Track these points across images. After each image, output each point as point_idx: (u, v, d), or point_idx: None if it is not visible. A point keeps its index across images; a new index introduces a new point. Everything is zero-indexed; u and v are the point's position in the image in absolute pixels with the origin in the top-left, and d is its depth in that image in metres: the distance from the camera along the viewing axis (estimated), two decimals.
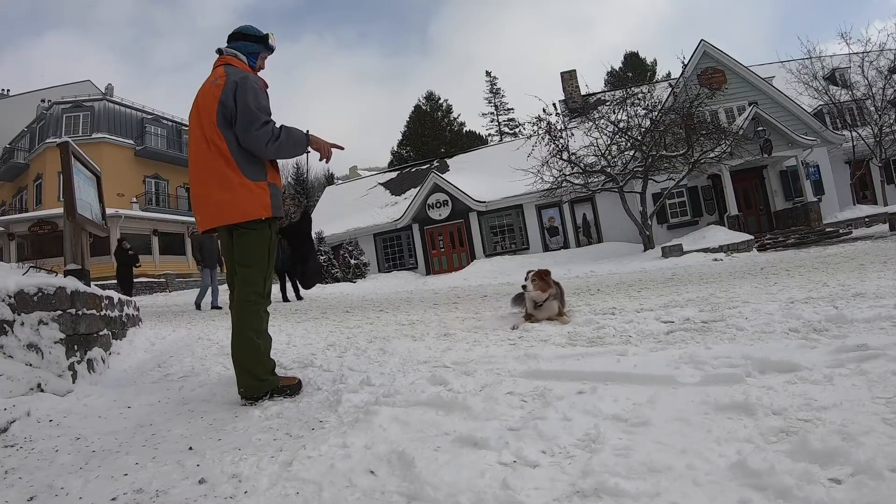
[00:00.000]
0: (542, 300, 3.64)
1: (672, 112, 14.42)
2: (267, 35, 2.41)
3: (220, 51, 2.39)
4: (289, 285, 10.35)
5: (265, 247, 2.25)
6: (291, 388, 2.28)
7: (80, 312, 2.75)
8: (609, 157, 14.62)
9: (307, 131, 2.32)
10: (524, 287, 3.66)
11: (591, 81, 41.01)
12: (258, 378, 2.19)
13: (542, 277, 3.67)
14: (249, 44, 2.38)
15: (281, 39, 2.49)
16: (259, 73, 2.42)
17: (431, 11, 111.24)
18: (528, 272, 3.75)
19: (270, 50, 2.45)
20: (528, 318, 3.70)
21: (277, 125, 2.20)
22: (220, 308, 8.75)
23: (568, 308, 3.96)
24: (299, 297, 10.23)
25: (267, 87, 2.36)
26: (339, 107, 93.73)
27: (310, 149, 2.35)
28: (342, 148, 2.46)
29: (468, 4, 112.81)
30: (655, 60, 40.04)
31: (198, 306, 9.05)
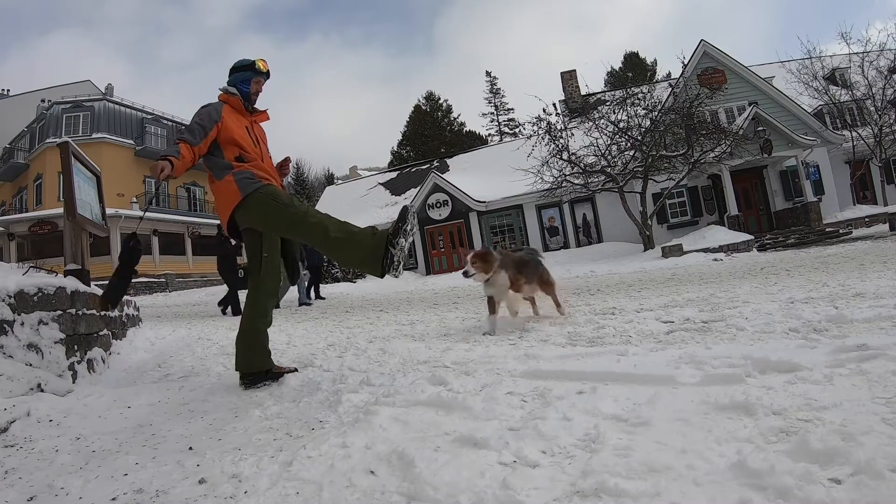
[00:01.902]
0: (484, 279, 3.34)
1: (672, 112, 14.42)
2: (254, 62, 2.60)
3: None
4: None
5: (257, 237, 2.48)
6: (283, 374, 2.54)
7: (80, 312, 2.75)
8: (609, 157, 14.61)
9: (170, 154, 2.25)
10: (465, 273, 3.30)
11: (592, 81, 41.08)
12: (249, 358, 2.48)
13: (482, 259, 3.32)
14: (240, 73, 2.59)
15: (286, 39, 2.58)
16: (258, 93, 2.64)
17: (437, 12, 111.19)
18: (466, 256, 3.37)
19: (261, 73, 2.61)
20: (492, 306, 3.44)
21: (179, 138, 2.37)
22: (310, 303, 9.09)
23: (560, 294, 3.93)
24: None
25: (240, 105, 2.56)
26: (341, 106, 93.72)
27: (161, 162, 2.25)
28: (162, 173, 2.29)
29: (473, 4, 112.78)
30: (655, 60, 40.04)
31: (305, 303, 9.20)
